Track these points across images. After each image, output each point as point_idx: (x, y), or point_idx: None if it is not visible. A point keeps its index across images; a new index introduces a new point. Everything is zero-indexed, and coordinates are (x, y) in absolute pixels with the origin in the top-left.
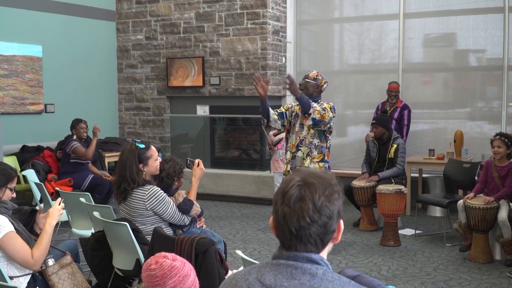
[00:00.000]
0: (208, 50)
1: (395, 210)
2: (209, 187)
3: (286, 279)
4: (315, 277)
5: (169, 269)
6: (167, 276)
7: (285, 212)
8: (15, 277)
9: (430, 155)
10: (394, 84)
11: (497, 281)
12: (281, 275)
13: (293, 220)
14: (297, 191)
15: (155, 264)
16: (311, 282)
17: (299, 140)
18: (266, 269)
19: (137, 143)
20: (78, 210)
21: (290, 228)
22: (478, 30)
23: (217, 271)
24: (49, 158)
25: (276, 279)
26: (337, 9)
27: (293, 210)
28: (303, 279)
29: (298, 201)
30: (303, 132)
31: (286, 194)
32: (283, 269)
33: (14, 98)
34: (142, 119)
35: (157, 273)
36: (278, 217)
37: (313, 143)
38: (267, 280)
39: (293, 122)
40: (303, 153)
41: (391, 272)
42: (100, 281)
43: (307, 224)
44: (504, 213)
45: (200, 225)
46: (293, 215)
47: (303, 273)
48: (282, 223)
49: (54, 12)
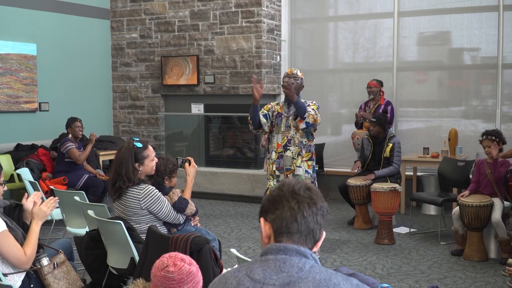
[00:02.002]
0: (203, 49)
1: (389, 209)
2: (204, 186)
3: (275, 273)
4: (303, 270)
5: (187, 275)
6: (184, 281)
7: (295, 205)
8: (9, 275)
9: (424, 153)
10: (373, 81)
11: (491, 279)
12: (269, 269)
13: (292, 214)
14: (304, 188)
15: (174, 267)
16: (299, 274)
17: (286, 139)
18: (255, 265)
19: (135, 142)
20: (72, 208)
21: (287, 221)
22: (473, 28)
23: (212, 270)
24: (44, 156)
25: (265, 273)
26: (332, 7)
27: (299, 202)
28: (291, 272)
29: (306, 190)
30: (291, 131)
31: (293, 189)
32: (271, 264)
33: (9, 97)
34: (136, 118)
35: (175, 276)
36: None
37: (302, 142)
38: (256, 275)
39: (275, 122)
40: (292, 153)
41: (385, 270)
42: (95, 279)
43: (302, 219)
44: (497, 214)
45: (195, 223)
46: (296, 208)
47: (291, 267)
48: (282, 214)
49: (49, 10)
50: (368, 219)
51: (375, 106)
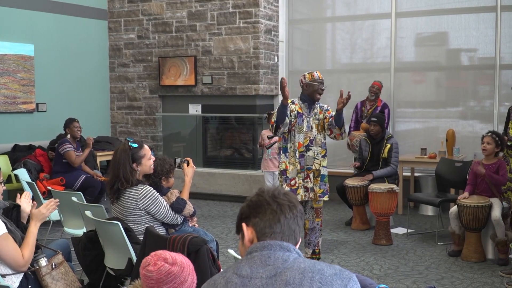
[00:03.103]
0: (200, 49)
1: (387, 209)
2: (202, 186)
3: (261, 267)
4: (287, 261)
5: (166, 275)
6: (163, 281)
7: (277, 208)
8: (7, 275)
9: (422, 154)
10: (378, 82)
11: (489, 280)
12: (255, 264)
13: (274, 216)
14: (282, 193)
15: (153, 266)
16: (284, 265)
17: (308, 140)
18: (241, 264)
19: (130, 143)
20: (70, 209)
21: (270, 222)
22: (470, 29)
23: (209, 270)
24: (41, 157)
25: (252, 268)
26: (329, 8)
27: (280, 205)
28: (276, 264)
29: (285, 195)
30: (313, 132)
31: (273, 194)
32: (257, 260)
33: (6, 97)
34: (134, 118)
35: (153, 276)
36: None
37: (324, 143)
38: (243, 271)
39: (295, 121)
40: (314, 153)
41: (383, 271)
42: (92, 280)
43: (284, 220)
44: (497, 212)
45: (193, 224)
46: (278, 210)
47: (276, 259)
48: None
49: (46, 11)
50: (366, 219)
51: (373, 108)
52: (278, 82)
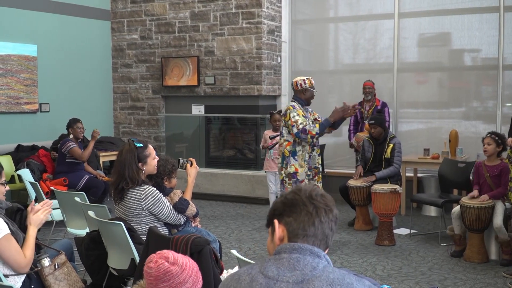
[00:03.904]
0: (203, 50)
1: (390, 210)
2: (204, 187)
3: (288, 271)
4: (316, 269)
5: (164, 273)
6: (160, 279)
7: (313, 210)
8: (10, 276)
9: (425, 154)
10: (369, 82)
11: (492, 280)
12: (283, 267)
13: (309, 218)
14: (320, 195)
15: (154, 264)
16: (313, 272)
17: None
18: (268, 263)
19: (135, 142)
20: (73, 209)
21: (304, 224)
22: (473, 29)
23: (212, 271)
24: (44, 157)
25: (279, 270)
26: (332, 8)
27: (316, 208)
28: (305, 270)
29: (322, 197)
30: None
31: (310, 194)
32: (285, 262)
33: (9, 98)
34: (137, 119)
35: (152, 273)
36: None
37: (318, 141)
38: (270, 272)
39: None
40: (316, 152)
41: (386, 271)
42: (95, 280)
43: (319, 224)
44: (499, 220)
45: (195, 225)
46: (313, 213)
47: (305, 265)
48: (302, 217)
49: (49, 11)
50: (369, 220)
51: (372, 108)
52: (280, 83)
